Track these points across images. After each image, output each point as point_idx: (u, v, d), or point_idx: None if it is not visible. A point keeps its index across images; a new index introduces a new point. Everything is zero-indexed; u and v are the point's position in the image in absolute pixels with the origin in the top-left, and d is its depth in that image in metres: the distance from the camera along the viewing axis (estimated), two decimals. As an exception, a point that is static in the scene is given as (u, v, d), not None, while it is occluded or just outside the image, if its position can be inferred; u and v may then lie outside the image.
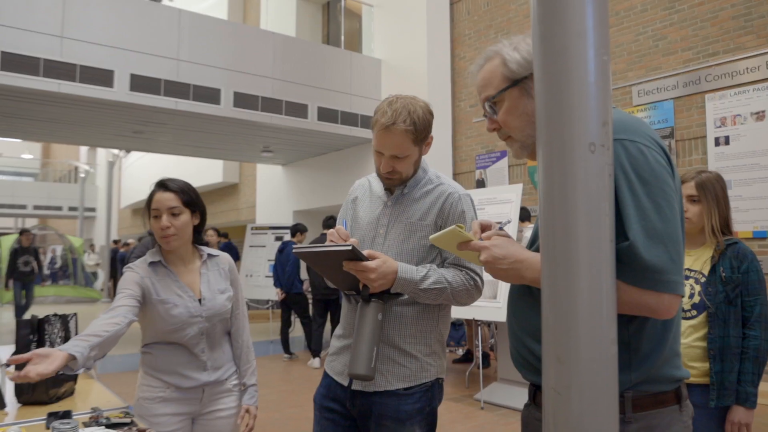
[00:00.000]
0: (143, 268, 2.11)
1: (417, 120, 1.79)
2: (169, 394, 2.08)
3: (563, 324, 1.00)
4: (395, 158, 1.83)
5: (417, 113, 1.80)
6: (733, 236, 2.34)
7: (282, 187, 13.39)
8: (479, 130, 8.97)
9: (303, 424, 4.95)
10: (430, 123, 1.85)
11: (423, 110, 1.82)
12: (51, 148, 35.28)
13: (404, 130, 1.77)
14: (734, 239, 2.32)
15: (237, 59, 8.67)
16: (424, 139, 1.87)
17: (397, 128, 1.77)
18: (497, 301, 5.51)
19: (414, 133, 1.80)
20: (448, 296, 1.81)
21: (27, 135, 12.27)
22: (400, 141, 1.79)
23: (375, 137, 1.83)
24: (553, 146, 0.99)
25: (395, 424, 1.81)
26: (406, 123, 1.77)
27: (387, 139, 1.80)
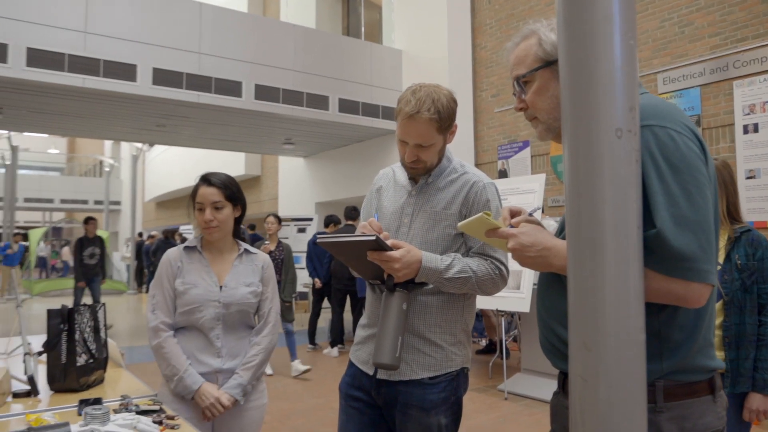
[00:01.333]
0: (177, 253, 2.24)
1: (441, 108, 1.78)
2: None
3: (590, 311, 0.99)
4: (419, 147, 1.82)
5: (441, 101, 1.78)
6: (744, 224, 2.31)
7: (304, 179, 13.45)
8: (501, 120, 8.91)
9: (327, 414, 4.99)
10: (454, 111, 1.84)
11: (447, 98, 1.81)
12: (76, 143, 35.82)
13: (428, 118, 1.76)
14: (747, 226, 2.30)
15: (258, 52, 8.71)
16: (449, 128, 1.85)
17: (421, 117, 1.76)
18: (521, 291, 5.49)
19: (438, 121, 1.78)
20: (473, 285, 1.80)
21: (53, 130, 12.47)
22: (425, 130, 1.78)
23: (399, 126, 1.83)
24: (579, 132, 0.97)
25: (420, 413, 1.81)
26: (430, 111, 1.76)
27: (411, 128, 1.79)
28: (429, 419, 1.82)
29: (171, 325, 2.17)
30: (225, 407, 2.09)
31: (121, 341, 8.54)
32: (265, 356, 2.23)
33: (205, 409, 2.08)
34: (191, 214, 2.24)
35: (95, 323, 2.17)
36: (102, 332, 2.21)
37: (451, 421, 1.87)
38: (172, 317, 2.17)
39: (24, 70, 7.00)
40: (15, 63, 6.94)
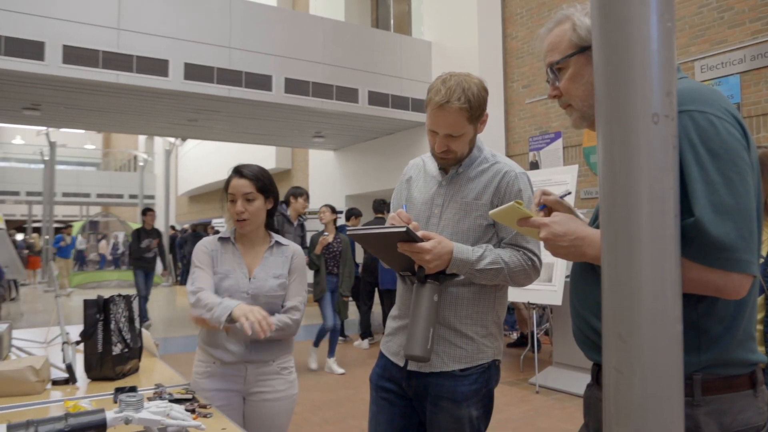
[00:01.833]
0: (212, 242, 2.27)
1: (472, 97, 1.74)
2: (215, 369, 2.15)
3: (625, 301, 0.97)
4: (450, 137, 1.79)
5: (472, 90, 1.75)
6: None
7: (334, 172, 13.49)
8: (532, 112, 8.80)
9: (358, 405, 5.01)
10: (485, 100, 1.80)
11: (478, 87, 1.78)
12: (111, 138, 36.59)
13: (459, 108, 1.73)
14: None
15: (287, 45, 8.75)
16: (479, 117, 1.82)
17: (451, 106, 1.73)
18: (552, 284, 5.42)
19: (469, 111, 1.75)
20: (505, 277, 1.78)
21: (88, 125, 12.75)
22: (455, 119, 1.75)
23: (429, 116, 1.80)
24: (614, 118, 0.95)
25: (451, 405, 1.80)
26: (460, 101, 1.73)
27: (441, 118, 1.76)
28: (460, 411, 1.80)
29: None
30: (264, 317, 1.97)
31: (156, 332, 8.72)
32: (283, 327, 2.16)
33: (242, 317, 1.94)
34: (225, 206, 2.26)
35: (130, 314, 2.21)
36: (136, 322, 2.25)
37: (482, 414, 1.86)
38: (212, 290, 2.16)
39: (60, 67, 7.16)
40: (52, 60, 7.10)
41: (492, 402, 1.89)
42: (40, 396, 1.89)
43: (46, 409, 1.77)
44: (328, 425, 4.52)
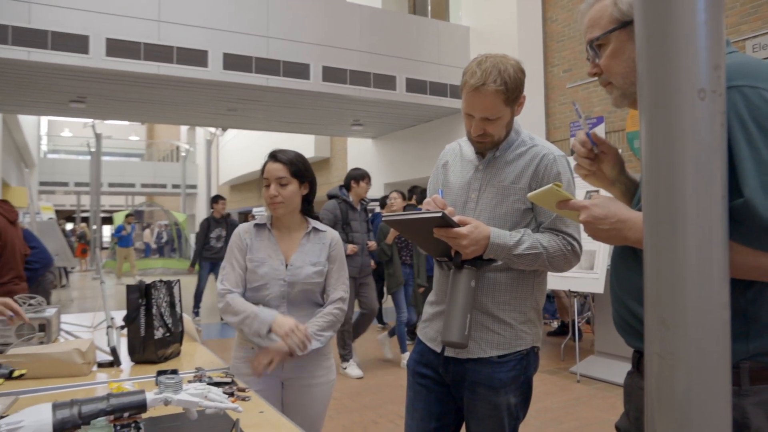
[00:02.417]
0: (247, 228, 2.28)
1: (508, 79, 1.70)
2: (253, 354, 2.16)
3: (668, 286, 0.93)
4: (486, 120, 1.75)
5: (508, 72, 1.71)
6: None
7: (372, 160, 13.50)
8: (574, 96, 8.62)
9: (396, 390, 5.03)
10: (521, 82, 1.75)
11: (514, 69, 1.73)
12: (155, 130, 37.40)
13: (495, 90, 1.69)
14: None
15: (325, 34, 8.76)
16: (516, 99, 1.78)
17: (487, 89, 1.69)
18: (594, 272, 5.32)
19: (505, 93, 1.71)
20: (543, 262, 1.74)
21: (132, 116, 13.05)
22: (491, 102, 1.71)
23: (464, 99, 1.77)
24: (657, 94, 0.91)
25: (489, 392, 1.79)
26: (496, 83, 1.69)
27: (477, 101, 1.72)
28: (498, 398, 1.79)
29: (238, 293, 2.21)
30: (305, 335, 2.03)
31: (200, 318, 8.91)
32: (327, 326, 2.18)
33: (284, 337, 2.01)
34: (262, 191, 2.28)
35: (171, 299, 2.25)
36: (177, 307, 2.29)
37: (521, 401, 1.84)
38: (241, 287, 2.21)
39: (104, 60, 7.33)
40: (96, 53, 7.28)
41: (530, 389, 1.87)
42: (86, 378, 1.95)
43: (92, 390, 1.82)
44: (367, 410, 4.55)
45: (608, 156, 1.38)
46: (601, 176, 1.41)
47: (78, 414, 1.13)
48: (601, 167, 1.40)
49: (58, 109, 10.88)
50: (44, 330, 2.26)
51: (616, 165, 1.39)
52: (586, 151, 1.37)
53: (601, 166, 1.40)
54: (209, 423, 1.40)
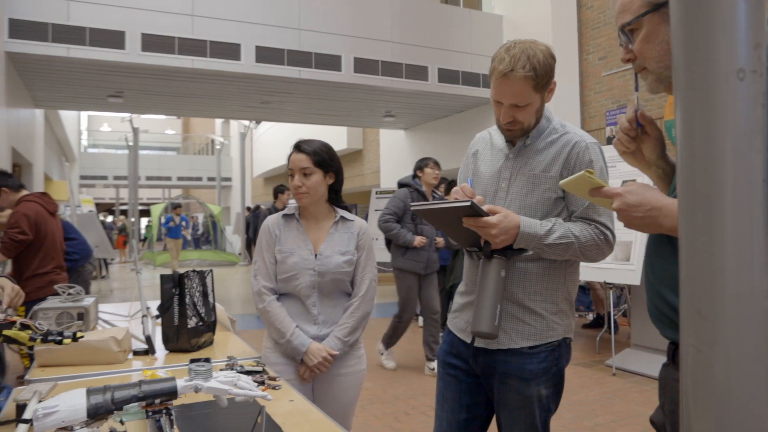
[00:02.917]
0: (275, 220, 2.31)
1: (537, 65, 1.67)
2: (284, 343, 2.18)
3: (705, 275, 0.90)
4: (515, 107, 1.73)
5: (537, 58, 1.67)
6: None
7: (405, 152, 13.47)
8: (609, 84, 8.44)
9: (428, 382, 5.02)
10: (551, 68, 1.72)
11: (544, 54, 1.70)
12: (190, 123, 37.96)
13: (524, 76, 1.66)
14: None
15: (356, 25, 8.75)
16: (546, 86, 1.74)
17: (516, 75, 1.66)
18: (630, 263, 5.21)
19: (534, 79, 1.67)
20: (575, 252, 1.70)
21: (167, 110, 13.25)
22: (520, 88, 1.68)
23: (493, 86, 1.74)
24: (693, 75, 0.87)
25: (520, 383, 1.77)
26: (525, 69, 1.65)
27: (506, 87, 1.70)
28: (529, 390, 1.76)
29: (273, 290, 2.24)
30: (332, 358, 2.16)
31: (234, 309, 9.04)
32: (357, 325, 2.23)
33: (314, 367, 2.14)
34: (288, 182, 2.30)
35: (204, 288, 2.28)
36: (210, 297, 2.32)
37: (553, 393, 1.81)
38: (274, 282, 2.24)
39: (140, 55, 7.46)
40: (131, 49, 7.41)
41: (562, 381, 1.84)
42: (122, 365, 1.99)
43: (128, 377, 1.86)
44: (398, 401, 4.56)
45: (650, 137, 1.34)
46: (639, 156, 1.37)
47: (111, 399, 1.15)
48: (640, 147, 1.36)
49: (97, 104, 11.13)
50: (82, 319, 2.31)
51: (657, 147, 1.35)
52: (629, 127, 1.33)
53: (641, 146, 1.35)
54: (239, 411, 1.42)
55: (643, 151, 1.36)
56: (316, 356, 2.13)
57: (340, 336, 2.19)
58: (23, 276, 4.01)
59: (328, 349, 2.15)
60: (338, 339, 2.18)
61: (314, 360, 2.13)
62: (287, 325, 2.17)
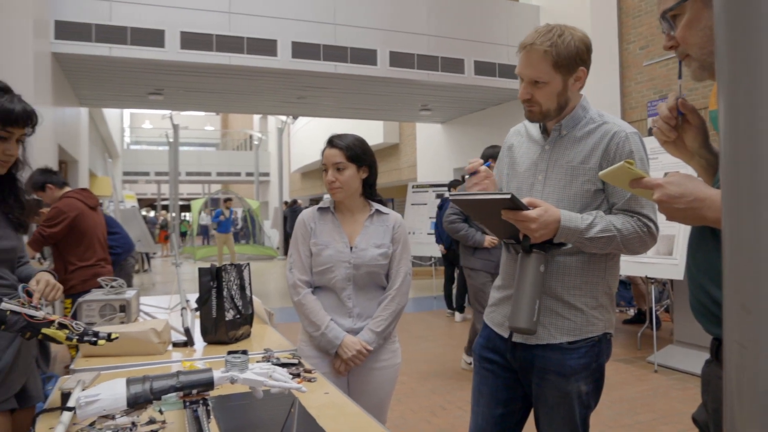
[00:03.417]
0: (310, 213, 2.33)
1: (560, 43, 1.65)
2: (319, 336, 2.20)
3: (750, 268, 0.86)
4: (534, 85, 1.71)
5: (563, 38, 1.66)
6: None
7: (441, 145, 13.42)
8: (651, 74, 8.23)
9: (464, 376, 5.00)
10: (579, 52, 1.68)
11: (573, 37, 1.68)
12: (229, 119, 38.53)
13: (543, 51, 1.66)
14: None
15: (391, 18, 8.73)
16: (569, 68, 1.70)
17: (535, 48, 1.67)
18: (673, 257, 5.09)
19: (554, 56, 1.65)
20: (617, 245, 1.66)
21: (206, 107, 13.46)
22: (537, 62, 1.68)
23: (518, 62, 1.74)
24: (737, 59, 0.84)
25: (559, 379, 1.74)
26: (545, 44, 1.66)
27: (525, 60, 1.70)
28: (568, 386, 1.73)
29: (308, 282, 2.26)
30: (367, 351, 2.16)
31: (273, 302, 9.15)
32: (391, 319, 2.23)
33: (348, 360, 2.15)
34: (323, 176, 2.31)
35: (241, 281, 2.31)
36: (247, 290, 2.35)
37: (593, 390, 1.77)
38: (309, 275, 2.26)
39: (179, 53, 7.60)
40: (171, 47, 7.55)
41: (603, 377, 1.80)
42: (162, 356, 2.03)
43: (167, 368, 1.90)
44: (435, 395, 4.55)
45: (692, 126, 1.30)
46: (680, 146, 1.32)
47: (150, 389, 1.18)
48: (682, 136, 1.31)
49: (138, 101, 11.39)
50: (124, 311, 2.37)
51: (699, 136, 1.30)
52: (669, 116, 1.29)
53: (682, 136, 1.31)
54: (275, 402, 1.43)
55: (685, 140, 1.31)
56: (350, 349, 2.14)
57: (375, 329, 2.19)
58: (67, 269, 4.14)
59: (362, 342, 2.16)
60: (373, 332, 2.19)
61: (349, 353, 2.14)
62: (322, 317, 2.18)
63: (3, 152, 1.76)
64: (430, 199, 10.75)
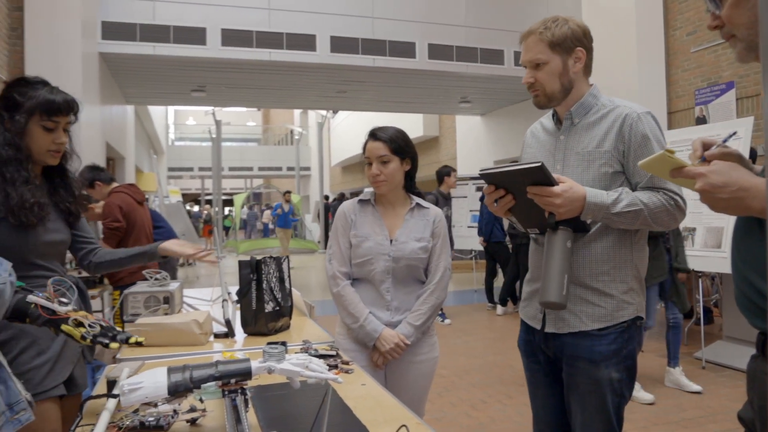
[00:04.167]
0: (351, 206, 2.33)
1: (554, 27, 1.76)
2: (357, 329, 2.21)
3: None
4: (534, 69, 1.79)
5: (558, 22, 1.77)
6: None
7: (481, 138, 13.31)
8: (699, 61, 7.96)
9: (505, 371, 4.97)
10: (574, 33, 1.77)
11: (567, 22, 1.78)
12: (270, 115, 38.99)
13: (538, 34, 1.77)
14: None
15: (429, 11, 8.69)
16: (565, 48, 1.77)
17: (531, 34, 1.79)
18: (722, 250, 4.93)
19: (549, 37, 1.75)
20: (645, 219, 1.67)
21: (247, 102, 13.64)
22: (534, 45, 1.78)
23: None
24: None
25: (589, 365, 1.75)
26: (539, 29, 1.77)
27: (524, 48, 1.82)
28: (599, 372, 1.74)
29: (347, 274, 2.27)
30: (405, 345, 2.16)
31: (314, 295, 9.25)
32: (430, 313, 2.23)
33: (386, 353, 2.15)
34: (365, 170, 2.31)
35: (280, 274, 2.34)
36: (287, 282, 2.38)
37: (626, 378, 1.77)
38: (348, 267, 2.27)
39: (220, 50, 7.73)
40: (212, 44, 7.69)
41: (635, 366, 1.81)
42: (203, 347, 2.08)
43: (208, 358, 1.93)
44: (475, 389, 4.53)
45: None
46: None
47: (190, 378, 1.21)
48: None
49: (182, 98, 11.64)
50: (168, 302, 2.43)
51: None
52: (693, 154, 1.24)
53: None
54: (312, 393, 1.45)
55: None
56: (388, 342, 2.15)
57: (414, 323, 2.19)
58: None
59: (400, 335, 2.16)
60: (411, 326, 2.19)
61: (387, 345, 2.15)
62: (360, 310, 2.19)
63: (53, 141, 1.83)
64: (470, 192, 10.67)
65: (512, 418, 3.91)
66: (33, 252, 1.79)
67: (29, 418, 1.25)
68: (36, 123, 1.80)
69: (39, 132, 1.81)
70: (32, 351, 1.76)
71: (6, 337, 1.74)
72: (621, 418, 1.79)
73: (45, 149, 1.83)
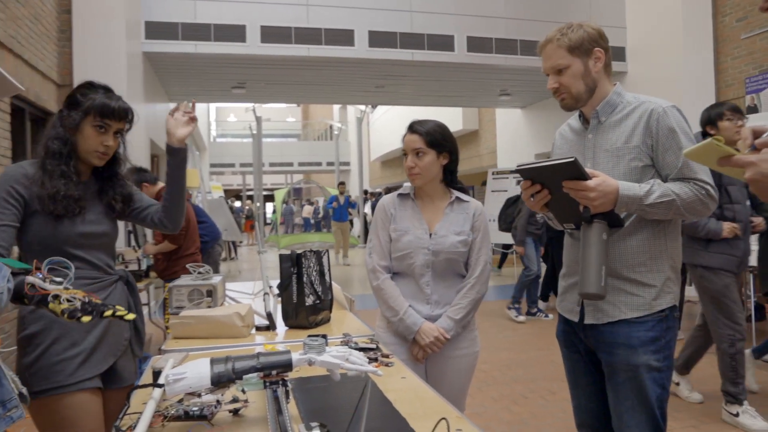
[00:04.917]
0: (390, 200, 2.34)
1: (570, 33, 1.81)
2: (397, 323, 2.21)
3: None
4: (557, 74, 1.84)
5: (572, 28, 1.82)
6: None
7: (522, 131, 13.14)
8: (750, 48, 7.68)
9: (546, 366, 4.90)
10: (589, 35, 1.82)
11: (581, 27, 1.83)
12: (309, 110, 39.30)
13: (556, 41, 1.82)
14: None
15: (468, 2, 8.60)
16: (584, 50, 1.82)
17: (548, 43, 1.85)
18: (774, 244, 4.74)
19: (567, 43, 1.80)
20: (678, 209, 1.71)
21: (287, 98, 13.77)
22: (553, 52, 1.83)
23: None
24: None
25: (627, 351, 1.78)
26: (556, 36, 1.83)
27: (544, 57, 1.86)
28: (637, 358, 1.76)
29: (387, 268, 2.27)
30: (445, 339, 2.16)
31: (354, 289, 9.31)
32: (470, 307, 2.21)
33: (425, 346, 2.15)
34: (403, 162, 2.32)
35: (320, 268, 2.36)
36: (327, 276, 2.39)
37: (665, 367, 1.78)
38: (388, 260, 2.27)
39: (259, 47, 7.82)
40: (252, 41, 7.79)
41: (672, 352, 1.83)
42: (245, 339, 2.11)
43: (250, 350, 1.96)
44: (516, 384, 4.49)
45: None
46: None
47: (232, 369, 1.23)
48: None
49: (222, 95, 11.81)
50: (211, 296, 2.47)
51: None
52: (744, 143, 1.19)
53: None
54: (352, 385, 1.46)
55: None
56: (428, 335, 2.14)
57: (454, 317, 2.18)
58: (171, 257, 4.39)
59: (440, 329, 2.15)
60: (451, 320, 2.18)
61: (426, 339, 2.14)
62: (400, 303, 2.19)
63: (101, 143, 1.89)
64: (510, 186, 10.56)
65: (555, 414, 3.86)
66: (68, 242, 1.84)
67: (21, 416, 1.28)
68: (89, 123, 1.87)
69: (90, 131, 1.87)
70: (64, 342, 1.81)
71: (38, 329, 1.80)
72: (664, 412, 1.80)
73: (93, 149, 1.89)
